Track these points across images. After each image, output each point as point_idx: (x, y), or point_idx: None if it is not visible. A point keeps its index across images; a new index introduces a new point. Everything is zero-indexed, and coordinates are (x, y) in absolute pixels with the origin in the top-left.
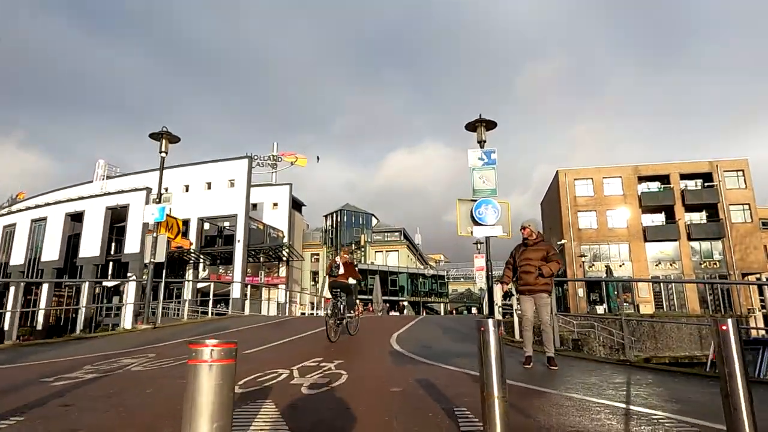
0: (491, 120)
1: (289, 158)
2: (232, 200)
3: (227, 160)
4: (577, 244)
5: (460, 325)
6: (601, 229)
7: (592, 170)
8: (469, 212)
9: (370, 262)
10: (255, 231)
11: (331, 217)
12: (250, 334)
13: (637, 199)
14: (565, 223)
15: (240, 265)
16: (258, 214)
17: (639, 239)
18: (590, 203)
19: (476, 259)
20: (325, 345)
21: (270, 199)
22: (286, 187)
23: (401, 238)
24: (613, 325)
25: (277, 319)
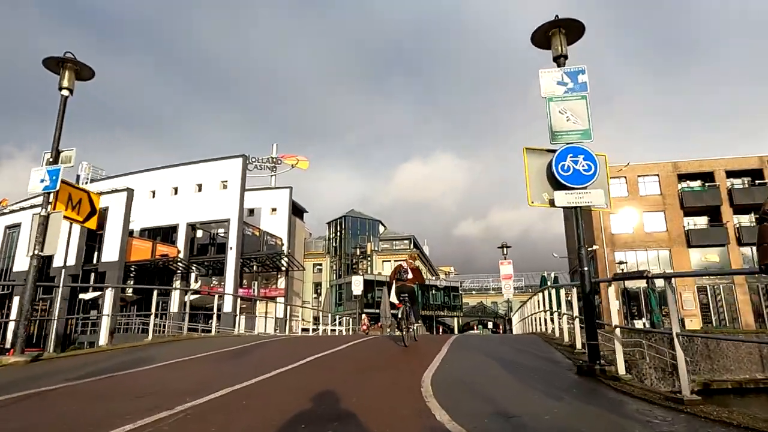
0: (574, 20)
1: (289, 160)
2: (225, 203)
3: (219, 160)
4: (610, 251)
5: (523, 356)
6: (637, 233)
7: (626, 168)
8: (544, 169)
9: (377, 273)
10: (250, 238)
11: (335, 224)
12: (156, 378)
13: (677, 199)
14: (596, 227)
15: (232, 275)
16: (255, 220)
17: (681, 244)
18: (624, 204)
19: (502, 266)
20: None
21: (268, 204)
22: (286, 190)
23: (411, 247)
24: (661, 343)
25: (259, 339)
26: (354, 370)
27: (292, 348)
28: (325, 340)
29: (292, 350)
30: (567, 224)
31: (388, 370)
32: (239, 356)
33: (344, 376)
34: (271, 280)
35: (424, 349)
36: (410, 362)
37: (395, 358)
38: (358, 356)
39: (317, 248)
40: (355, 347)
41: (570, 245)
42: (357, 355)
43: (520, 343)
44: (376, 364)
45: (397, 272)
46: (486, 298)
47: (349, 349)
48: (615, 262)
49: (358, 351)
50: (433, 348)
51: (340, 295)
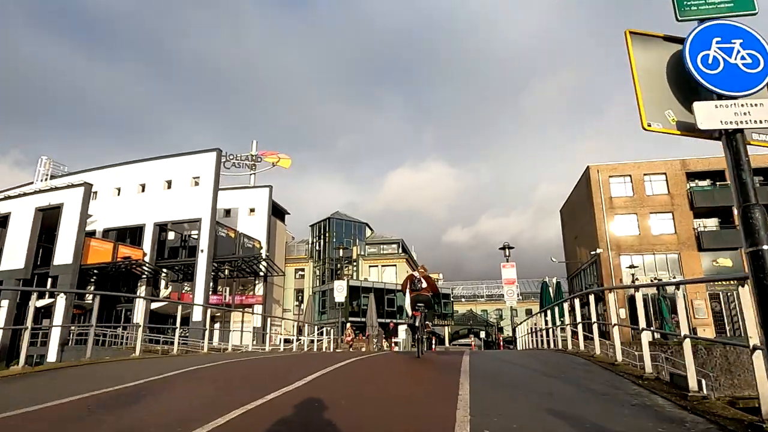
0: None
1: (270, 158)
2: (197, 202)
3: (191, 154)
4: (615, 254)
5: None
6: (643, 235)
7: (631, 165)
8: (664, 68)
9: (363, 278)
10: (224, 239)
11: (318, 226)
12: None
13: (686, 199)
14: (599, 229)
15: (203, 280)
16: (231, 221)
17: (692, 248)
18: (629, 205)
19: (504, 269)
20: None
21: (246, 204)
22: (265, 190)
23: (399, 251)
24: (677, 355)
25: (210, 361)
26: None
27: (229, 381)
28: (298, 363)
29: (225, 387)
30: (564, 229)
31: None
32: (116, 408)
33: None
34: (248, 287)
35: (437, 382)
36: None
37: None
38: (345, 393)
39: (299, 252)
40: (340, 375)
41: (568, 250)
42: (344, 393)
43: (565, 369)
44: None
45: (410, 282)
46: (476, 306)
47: (331, 377)
48: (624, 267)
49: (346, 382)
50: (448, 380)
51: (323, 303)
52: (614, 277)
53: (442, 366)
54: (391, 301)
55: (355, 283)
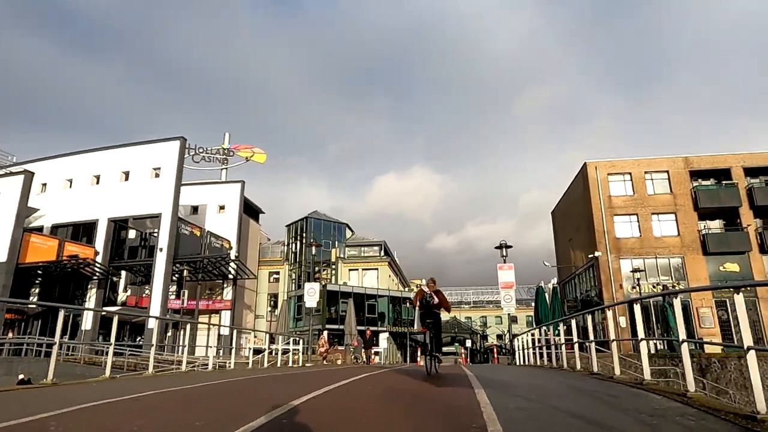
0: None
1: (244, 152)
2: (157, 195)
3: (151, 143)
4: (615, 258)
5: None
6: (645, 237)
7: (631, 163)
8: None
9: (343, 283)
10: (188, 238)
11: (295, 227)
12: None
13: (690, 199)
14: (597, 230)
15: (161, 283)
16: (199, 218)
17: (696, 251)
18: (630, 205)
19: (501, 271)
20: None
21: (215, 201)
22: (236, 186)
23: (381, 254)
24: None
25: (129, 393)
26: None
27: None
28: (256, 387)
29: None
30: (557, 231)
31: None
32: None
33: None
34: (216, 291)
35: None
36: None
37: None
38: None
39: (275, 254)
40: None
41: (561, 253)
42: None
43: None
44: None
45: (421, 297)
46: (460, 313)
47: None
48: (624, 271)
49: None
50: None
51: (298, 308)
52: (614, 281)
53: (458, 409)
54: (372, 307)
55: (334, 288)
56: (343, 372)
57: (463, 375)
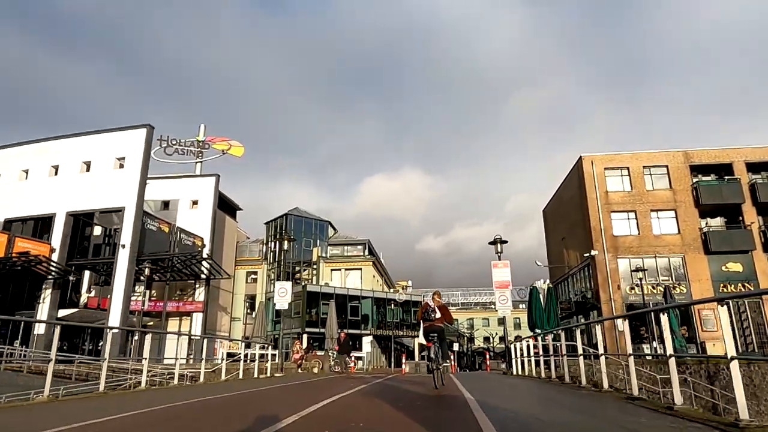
0: None
1: (220, 145)
2: (121, 188)
3: (116, 131)
4: (612, 257)
5: None
6: (643, 235)
7: (628, 157)
8: None
9: (324, 283)
10: (155, 234)
11: (274, 225)
12: None
13: (691, 195)
14: (594, 228)
15: (123, 282)
16: (170, 214)
17: (697, 250)
18: (627, 201)
19: (495, 269)
20: None
21: (188, 196)
22: (211, 179)
23: (365, 253)
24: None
25: None
26: None
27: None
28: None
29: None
30: (548, 230)
31: None
32: None
33: None
34: (187, 291)
35: None
36: None
37: None
38: None
39: (253, 253)
40: None
41: (553, 253)
42: None
43: None
44: None
45: (424, 311)
46: None
47: None
48: (622, 270)
49: None
50: None
51: (277, 311)
52: (611, 282)
53: None
54: (356, 309)
55: (314, 288)
56: (311, 389)
57: (462, 401)
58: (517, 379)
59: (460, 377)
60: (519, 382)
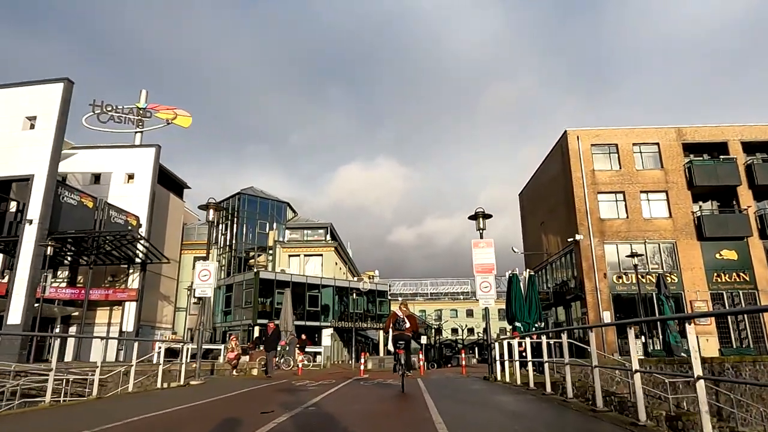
0: None
1: (164, 114)
2: (30, 152)
3: (24, 85)
4: (598, 242)
5: None
6: (632, 219)
7: (618, 133)
8: None
9: (280, 270)
10: (74, 209)
11: (226, 205)
12: None
13: (683, 176)
14: (579, 210)
15: (28, 264)
16: (102, 189)
17: (690, 235)
18: (616, 181)
19: (476, 249)
20: None
21: (122, 168)
22: (149, 150)
23: (327, 238)
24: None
25: None
26: None
27: None
28: None
29: None
30: (525, 216)
31: None
32: None
33: None
34: (120, 277)
35: None
36: None
37: None
38: None
39: (201, 237)
40: None
41: (530, 240)
42: None
43: None
44: None
45: (394, 321)
46: (413, 306)
47: None
48: (612, 257)
49: None
50: None
51: (227, 300)
52: (597, 270)
53: None
54: (315, 299)
55: (268, 276)
56: (209, 413)
57: None
58: (509, 394)
59: (432, 390)
60: (516, 404)
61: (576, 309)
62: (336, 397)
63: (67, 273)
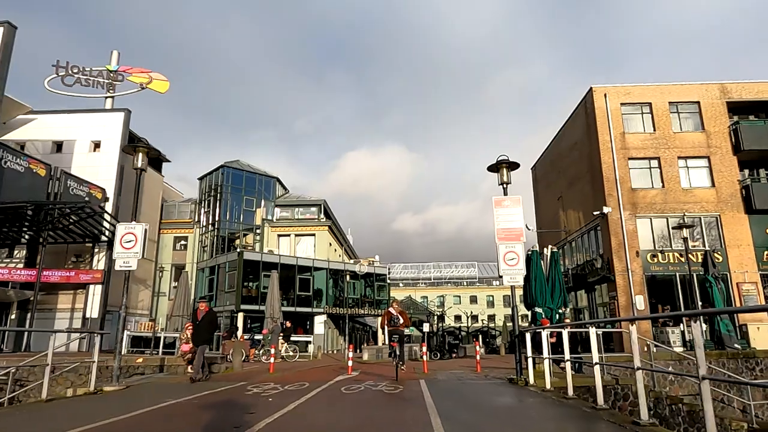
0: None
1: (138, 77)
2: None
3: None
4: (629, 215)
5: None
6: (669, 188)
7: (651, 90)
8: None
9: (268, 250)
10: (22, 177)
11: (208, 181)
12: None
13: (729, 139)
14: (607, 179)
15: None
16: (64, 158)
17: (736, 207)
18: (650, 145)
19: (499, 209)
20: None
21: (87, 136)
22: (118, 115)
23: (320, 216)
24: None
25: None
26: None
27: None
28: None
29: None
30: (539, 190)
31: None
32: None
33: None
34: (85, 257)
35: None
36: None
37: None
38: None
39: (183, 215)
40: None
41: (545, 217)
42: None
43: None
44: None
45: (389, 318)
46: (415, 292)
47: None
48: (646, 232)
49: None
50: None
51: (210, 284)
52: (628, 247)
53: None
54: (306, 283)
55: (253, 257)
56: None
57: None
58: (572, 419)
59: (444, 406)
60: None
61: (601, 293)
62: (290, 422)
63: (24, 252)
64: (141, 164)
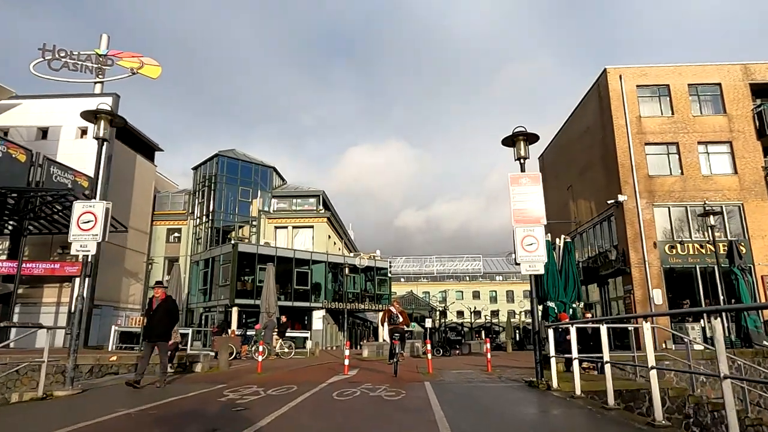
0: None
1: (128, 62)
2: None
3: None
4: (646, 203)
5: None
6: (689, 175)
7: (669, 71)
8: None
9: (264, 242)
10: (0, 162)
11: (202, 171)
12: None
13: (752, 123)
14: (622, 165)
15: None
16: (50, 145)
17: (761, 196)
18: (668, 129)
19: (516, 187)
20: None
21: (73, 122)
22: (106, 100)
23: (319, 207)
24: None
25: None
26: None
27: None
28: None
29: None
30: (548, 179)
31: None
32: None
33: None
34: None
35: None
36: None
37: None
38: None
39: (177, 206)
40: None
41: (554, 207)
42: None
43: None
44: None
45: (389, 316)
46: (417, 287)
47: None
48: (663, 222)
49: None
50: None
51: (205, 277)
52: (645, 238)
53: None
54: (304, 277)
55: (249, 249)
56: None
57: None
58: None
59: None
60: None
61: (615, 286)
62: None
63: (7, 243)
64: (103, 133)
